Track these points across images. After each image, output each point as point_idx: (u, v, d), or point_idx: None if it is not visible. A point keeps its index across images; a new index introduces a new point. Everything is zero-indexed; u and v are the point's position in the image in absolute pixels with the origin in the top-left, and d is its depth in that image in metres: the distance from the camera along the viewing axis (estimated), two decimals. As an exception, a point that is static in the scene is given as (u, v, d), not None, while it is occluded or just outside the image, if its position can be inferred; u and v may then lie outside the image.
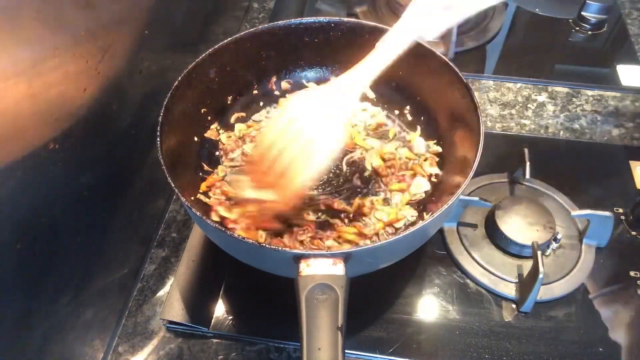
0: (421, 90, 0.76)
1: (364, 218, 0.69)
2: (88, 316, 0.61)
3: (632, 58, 1.01)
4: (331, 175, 0.74)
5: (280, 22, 0.75)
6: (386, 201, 0.71)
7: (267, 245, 0.52)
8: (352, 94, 0.58)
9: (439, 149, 0.74)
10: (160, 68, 0.73)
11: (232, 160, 0.74)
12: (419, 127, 0.77)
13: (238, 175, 0.67)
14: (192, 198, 0.66)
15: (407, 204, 0.70)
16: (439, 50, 0.70)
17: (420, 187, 0.71)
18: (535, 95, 0.96)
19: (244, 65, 0.76)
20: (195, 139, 0.71)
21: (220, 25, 0.98)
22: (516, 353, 0.63)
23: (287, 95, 0.81)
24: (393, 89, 0.80)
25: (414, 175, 0.72)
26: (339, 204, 0.69)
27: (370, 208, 0.69)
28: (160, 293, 0.70)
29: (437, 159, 0.73)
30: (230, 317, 0.67)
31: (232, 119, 0.77)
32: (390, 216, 0.67)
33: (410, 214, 0.69)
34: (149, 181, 0.73)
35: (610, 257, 0.71)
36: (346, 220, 0.69)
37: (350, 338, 0.64)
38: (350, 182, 0.73)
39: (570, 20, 1.10)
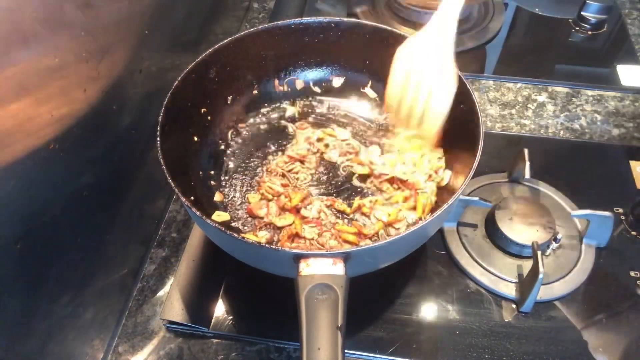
0: (421, 90, 0.76)
1: (364, 218, 0.69)
2: (88, 316, 0.61)
3: (632, 58, 1.01)
4: (331, 175, 0.74)
5: (280, 22, 0.75)
6: (387, 201, 0.71)
7: (267, 245, 0.52)
8: (448, 33, 0.63)
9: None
10: (160, 68, 0.73)
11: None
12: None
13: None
14: (192, 198, 0.66)
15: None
16: (439, 50, 0.70)
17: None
18: (535, 95, 0.96)
19: (244, 65, 0.76)
20: (196, 139, 0.71)
21: (220, 25, 0.98)
22: (516, 353, 0.63)
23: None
24: (393, 89, 0.80)
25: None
26: (339, 204, 0.69)
27: (370, 208, 0.69)
28: (160, 293, 0.70)
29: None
30: (230, 317, 0.67)
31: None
32: (390, 217, 0.67)
33: (411, 215, 0.69)
34: (149, 181, 0.73)
35: (610, 257, 0.71)
36: (345, 220, 0.69)
37: (350, 338, 0.64)
38: (350, 182, 0.73)
39: (570, 20, 1.10)
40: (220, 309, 0.67)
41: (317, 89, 0.83)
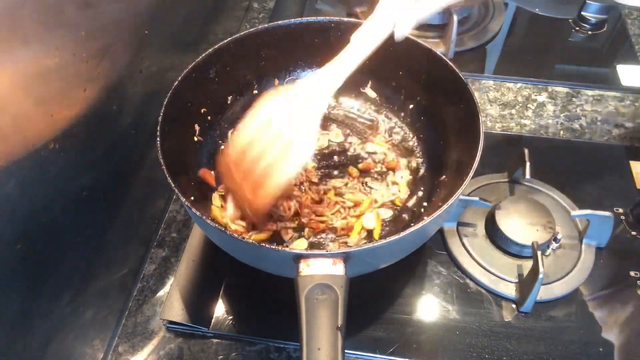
0: (421, 90, 0.76)
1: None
2: (88, 316, 0.61)
3: (632, 58, 1.01)
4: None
5: (280, 22, 0.75)
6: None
7: (267, 245, 0.52)
8: (327, 92, 0.58)
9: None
10: (160, 68, 0.73)
11: None
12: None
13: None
14: (192, 198, 0.66)
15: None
16: (439, 50, 0.70)
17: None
18: (535, 95, 0.96)
19: (244, 65, 0.76)
20: (195, 139, 0.71)
21: (220, 25, 0.98)
22: (516, 353, 0.63)
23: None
24: (393, 88, 0.80)
25: None
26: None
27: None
28: (160, 293, 0.70)
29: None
30: (230, 317, 0.67)
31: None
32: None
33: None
34: (149, 181, 0.73)
35: (610, 257, 0.71)
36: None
37: (350, 338, 0.64)
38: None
39: (570, 20, 1.10)
40: (220, 309, 0.67)
41: (317, 89, 0.83)
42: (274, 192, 0.57)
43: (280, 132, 0.56)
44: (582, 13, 1.07)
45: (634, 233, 0.74)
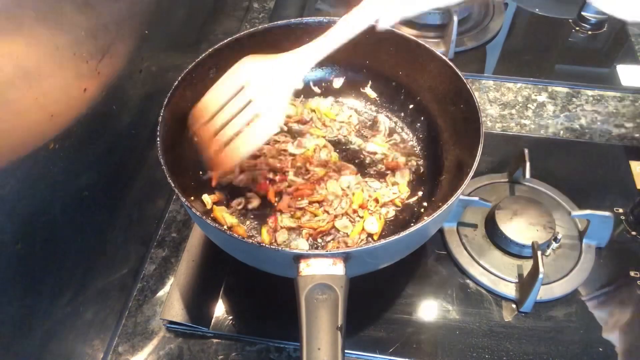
0: (421, 90, 0.76)
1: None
2: (88, 316, 0.61)
3: (632, 58, 1.01)
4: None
5: (280, 22, 0.75)
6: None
7: (267, 246, 0.52)
8: (304, 67, 0.60)
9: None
10: (160, 68, 0.73)
11: None
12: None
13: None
14: (192, 198, 0.66)
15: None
16: (439, 50, 0.70)
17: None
18: (535, 95, 0.96)
19: (244, 65, 0.76)
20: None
21: (220, 25, 0.98)
22: (516, 353, 0.63)
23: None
24: (393, 88, 0.80)
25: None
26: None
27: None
28: (160, 293, 0.70)
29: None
30: (230, 317, 0.67)
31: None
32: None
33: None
34: (149, 181, 0.73)
35: (610, 257, 0.71)
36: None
37: (350, 338, 0.64)
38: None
39: (570, 20, 1.10)
40: (220, 309, 0.67)
41: (317, 89, 0.83)
42: (237, 158, 0.61)
43: (252, 99, 0.59)
44: (582, 13, 1.07)
45: (634, 233, 0.74)
